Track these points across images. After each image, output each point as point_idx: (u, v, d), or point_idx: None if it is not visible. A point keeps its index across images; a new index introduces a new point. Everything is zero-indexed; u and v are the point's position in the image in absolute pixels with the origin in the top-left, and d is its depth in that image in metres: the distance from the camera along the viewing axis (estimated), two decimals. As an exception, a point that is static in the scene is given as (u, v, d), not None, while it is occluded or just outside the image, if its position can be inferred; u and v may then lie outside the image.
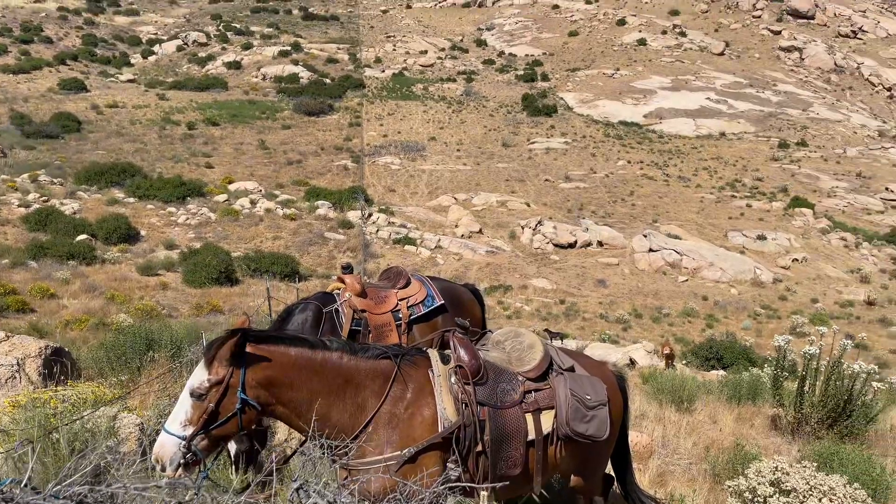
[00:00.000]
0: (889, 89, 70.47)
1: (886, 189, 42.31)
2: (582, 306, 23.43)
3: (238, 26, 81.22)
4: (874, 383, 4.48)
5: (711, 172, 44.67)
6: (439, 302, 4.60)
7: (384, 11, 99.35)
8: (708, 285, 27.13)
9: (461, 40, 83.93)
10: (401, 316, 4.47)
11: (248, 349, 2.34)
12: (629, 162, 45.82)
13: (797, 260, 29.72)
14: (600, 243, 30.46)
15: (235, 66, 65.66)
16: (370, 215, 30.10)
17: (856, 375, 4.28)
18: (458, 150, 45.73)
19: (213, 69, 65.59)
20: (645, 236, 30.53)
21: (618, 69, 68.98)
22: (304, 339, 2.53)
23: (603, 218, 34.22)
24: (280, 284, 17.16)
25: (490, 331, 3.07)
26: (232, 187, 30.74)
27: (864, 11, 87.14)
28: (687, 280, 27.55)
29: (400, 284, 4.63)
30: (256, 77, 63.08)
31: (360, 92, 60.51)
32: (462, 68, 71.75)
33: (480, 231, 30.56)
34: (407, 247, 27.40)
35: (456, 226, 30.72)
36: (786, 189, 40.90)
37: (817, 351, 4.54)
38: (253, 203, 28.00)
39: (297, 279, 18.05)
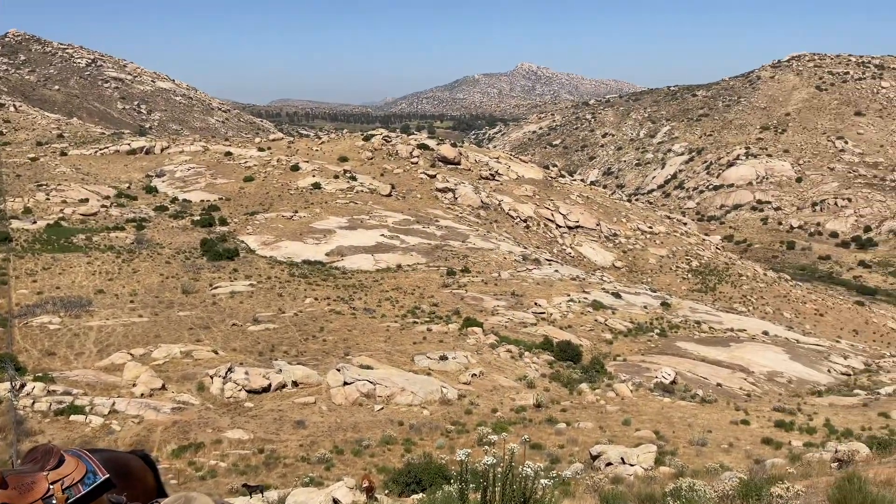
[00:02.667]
0: (525, 220, 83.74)
1: (535, 304, 49.27)
2: (282, 452, 22.43)
3: None
4: (542, 480, 4.96)
5: (393, 302, 47.63)
6: (103, 477, 3.92)
7: (33, 159, 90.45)
8: (402, 410, 28.10)
9: (128, 187, 79.69)
10: (55, 502, 3.72)
11: None
12: (316, 299, 46.74)
13: (475, 375, 32.53)
14: (295, 383, 29.93)
15: None
16: (22, 386, 25.66)
17: (528, 476, 4.73)
18: (132, 302, 42.18)
19: None
20: (339, 370, 30.84)
21: (297, 211, 71.42)
22: None
23: (296, 357, 33.91)
24: None
25: (157, 501, 2.71)
26: None
27: (498, 158, 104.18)
28: (382, 408, 28.24)
29: (50, 465, 3.85)
30: None
31: (6, 246, 53.11)
32: (131, 215, 67.68)
33: (163, 387, 27.96)
34: (73, 417, 23.77)
35: (133, 385, 27.70)
36: (458, 311, 45.22)
37: (493, 460, 4.92)
38: None
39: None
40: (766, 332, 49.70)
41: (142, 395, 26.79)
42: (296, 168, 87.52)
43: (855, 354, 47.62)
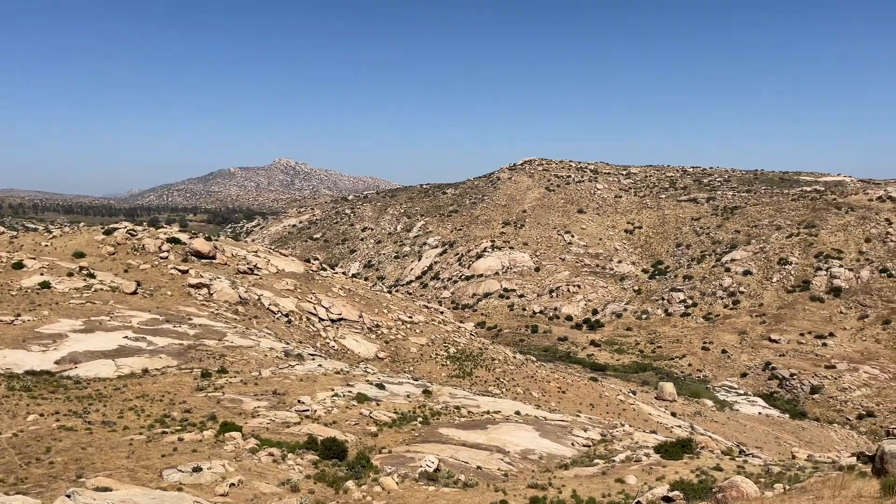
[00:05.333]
0: (287, 315, 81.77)
1: (299, 401, 47.61)
2: None
3: None
4: None
5: (138, 412, 42.92)
6: None
7: None
8: (148, 535, 24.86)
9: None
10: None
11: None
12: (42, 415, 40.47)
13: (234, 484, 30.09)
14: (10, 519, 25.14)
15: None
16: None
17: None
18: None
19: None
20: (69, 496, 26.57)
21: (19, 315, 62.35)
22: None
23: (14, 486, 28.67)
24: None
25: None
26: None
27: (257, 252, 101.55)
28: (124, 536, 24.74)
29: None
30: None
31: None
32: None
33: None
34: None
35: None
36: (214, 416, 42.00)
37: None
38: None
39: None
40: (518, 412, 53.00)
41: None
42: (19, 266, 77.08)
43: (593, 426, 52.53)
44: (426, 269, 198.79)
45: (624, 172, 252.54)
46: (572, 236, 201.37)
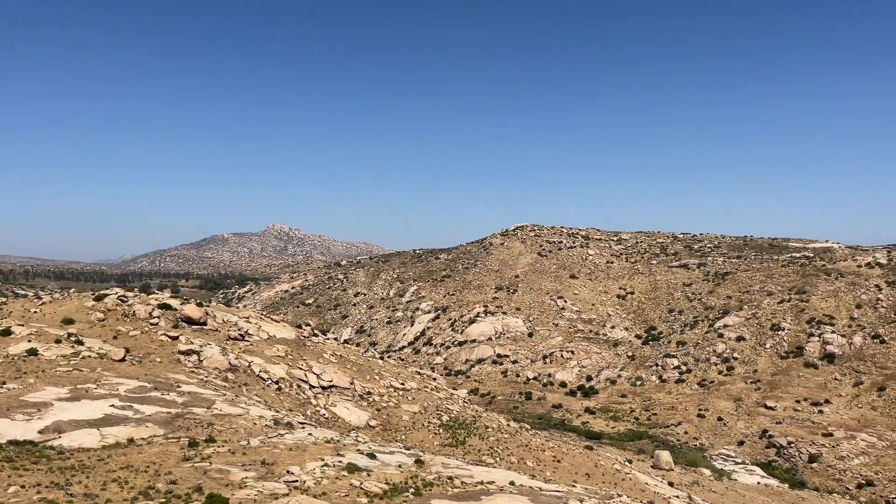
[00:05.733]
0: (277, 382, 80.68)
1: (288, 472, 46.47)
2: None
3: None
4: None
5: (122, 483, 41.74)
6: None
7: None
8: None
9: None
10: None
11: None
12: (24, 486, 39.28)
13: (219, 560, 29.05)
14: None
15: None
16: None
17: None
18: None
19: None
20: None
21: (4, 382, 61.29)
22: None
23: (-13, 564, 27.61)
24: None
25: None
26: None
27: (248, 318, 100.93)
28: None
29: None
30: None
31: None
32: None
33: None
34: None
35: None
36: (200, 488, 40.88)
37: None
38: None
39: None
40: (512, 483, 51.80)
41: None
42: (7, 332, 76.27)
43: (589, 497, 51.30)
44: (419, 334, 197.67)
45: (615, 238, 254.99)
46: (565, 301, 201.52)
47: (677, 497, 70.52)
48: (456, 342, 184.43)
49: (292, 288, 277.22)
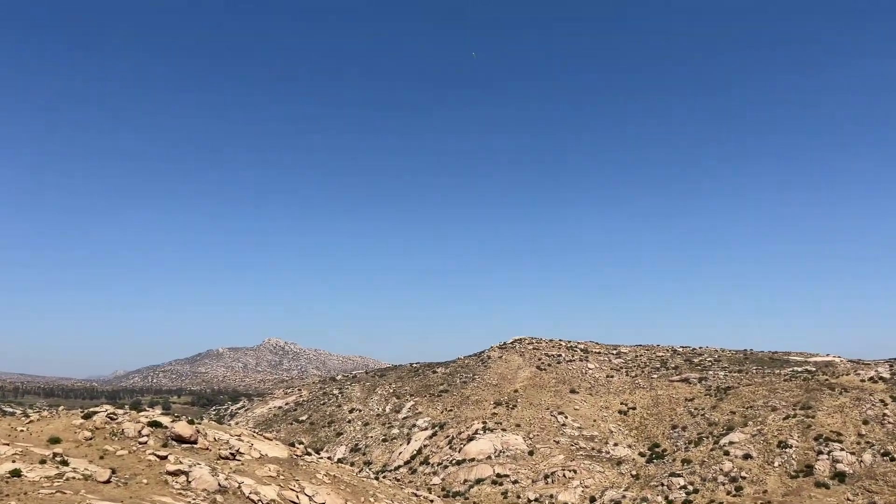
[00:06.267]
0: (267, 505, 77.25)
1: None
2: None
3: None
4: None
5: None
6: None
7: None
8: None
9: None
10: None
11: None
12: None
13: None
14: None
15: None
16: None
17: None
18: None
19: None
20: None
21: (-18, 506, 58.62)
22: None
23: None
24: None
25: None
26: None
27: (240, 436, 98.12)
28: None
29: None
30: None
31: None
32: None
33: None
34: None
35: None
36: None
37: None
38: None
39: None
40: None
41: None
42: (-9, 452, 73.75)
43: None
44: (415, 452, 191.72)
45: (614, 352, 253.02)
46: (566, 417, 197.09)
47: None
48: (454, 461, 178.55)
49: (286, 404, 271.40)
